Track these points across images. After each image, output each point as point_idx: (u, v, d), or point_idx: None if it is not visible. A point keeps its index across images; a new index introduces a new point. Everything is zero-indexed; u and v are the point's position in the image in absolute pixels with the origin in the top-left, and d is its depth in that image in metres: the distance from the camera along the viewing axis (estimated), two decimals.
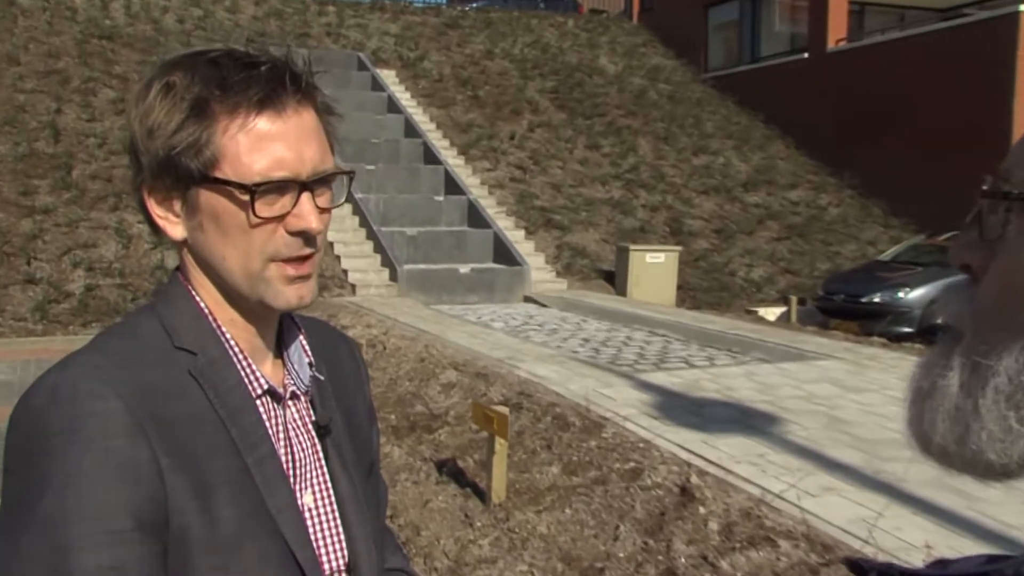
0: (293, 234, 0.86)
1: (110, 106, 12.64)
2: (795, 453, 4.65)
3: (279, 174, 0.84)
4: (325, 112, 0.90)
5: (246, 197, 0.84)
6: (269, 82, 0.84)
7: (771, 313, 11.79)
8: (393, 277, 10.97)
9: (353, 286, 10.72)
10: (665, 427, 5.05)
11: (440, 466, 4.61)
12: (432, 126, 15.06)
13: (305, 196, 0.86)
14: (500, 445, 4.04)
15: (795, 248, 13.86)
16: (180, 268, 0.93)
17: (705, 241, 13.69)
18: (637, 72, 18.65)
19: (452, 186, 13.30)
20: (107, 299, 9.36)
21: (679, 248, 12.32)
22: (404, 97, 15.70)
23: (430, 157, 13.96)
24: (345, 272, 10.96)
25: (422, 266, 11.51)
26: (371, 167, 13.02)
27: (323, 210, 0.88)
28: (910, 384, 0.62)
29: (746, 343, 8.16)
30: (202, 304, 0.90)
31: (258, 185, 0.83)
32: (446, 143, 14.63)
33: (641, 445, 4.71)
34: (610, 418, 5.14)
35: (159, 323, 0.89)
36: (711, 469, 4.36)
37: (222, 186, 0.84)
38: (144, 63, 13.70)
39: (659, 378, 6.43)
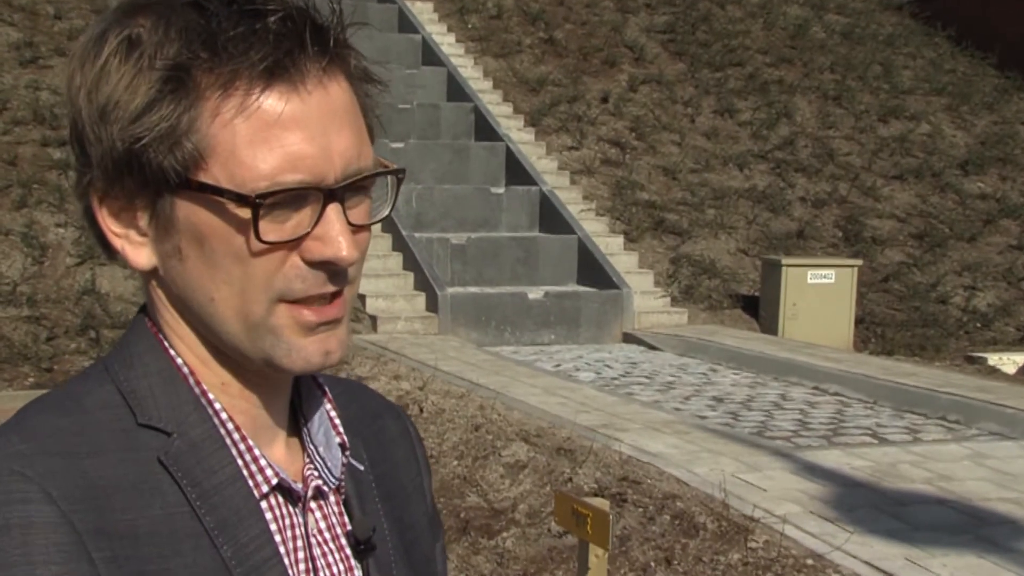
0: (313, 265, 0.86)
1: (12, 53, 13.14)
2: None
3: (294, 178, 0.83)
4: (361, 80, 0.90)
5: (246, 213, 0.83)
6: (281, 40, 0.83)
7: (1009, 362, 11.48)
8: (431, 306, 11.09)
9: (373, 319, 10.87)
10: (846, 534, 4.98)
11: None
12: (487, 84, 15.25)
13: (332, 210, 0.85)
14: (597, 558, 4.01)
15: None
16: (147, 308, 0.94)
17: (899, 251, 13.45)
18: None
19: (517, 172, 13.41)
20: (9, 339, 9.68)
21: (858, 262, 12.16)
22: (446, 42, 15.97)
23: (484, 130, 14.12)
24: (361, 298, 11.12)
25: (473, 289, 11.59)
26: (398, 145, 13.25)
27: (358, 228, 0.88)
28: None
29: (970, 408, 7.99)
30: (179, 361, 0.91)
31: (264, 196, 0.83)
32: (507, 109, 14.78)
33: (810, 562, 4.66)
34: (760, 519, 5.10)
35: (115, 390, 0.89)
36: None
37: (210, 196, 0.84)
38: None
39: (833, 458, 6.36)
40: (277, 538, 0.90)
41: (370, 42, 15.23)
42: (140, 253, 0.89)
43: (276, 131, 0.83)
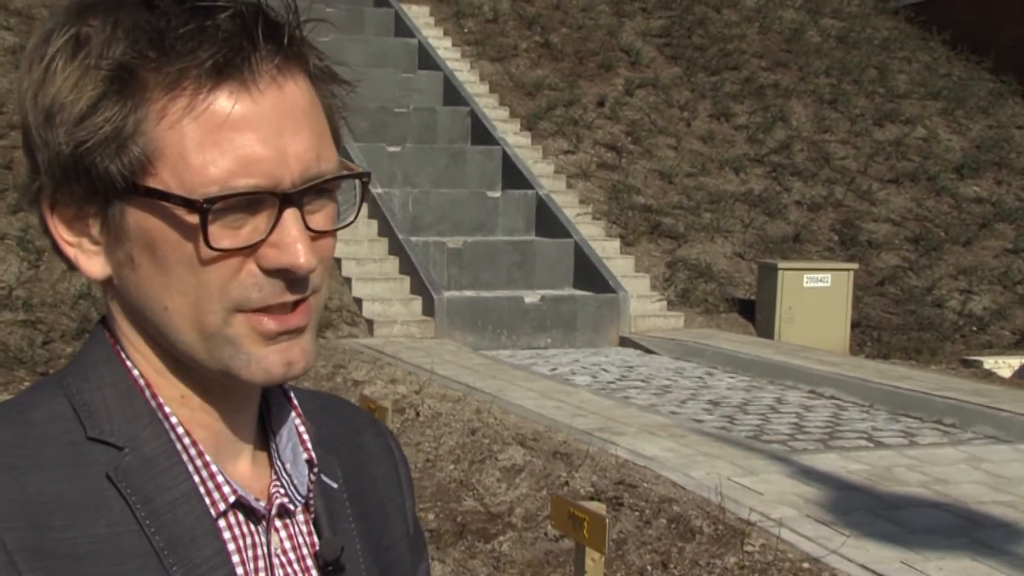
0: (270, 273, 0.83)
1: (7, 57, 13.13)
2: None
3: (247, 183, 0.80)
4: (323, 80, 0.87)
5: (194, 219, 0.80)
6: (232, 37, 0.80)
7: (1005, 365, 11.49)
8: (428, 310, 11.09)
9: (370, 322, 10.86)
10: (842, 538, 4.98)
11: None
12: (483, 88, 15.26)
13: (289, 215, 0.82)
14: (593, 561, 4.02)
15: None
16: (106, 318, 0.92)
17: (895, 255, 13.46)
18: (789, 1, 18.61)
19: (513, 176, 13.43)
20: (4, 343, 9.67)
21: (854, 266, 12.17)
22: (442, 46, 15.98)
23: (481, 134, 14.13)
24: (358, 302, 11.13)
25: (470, 293, 11.60)
26: (394, 149, 13.25)
27: (319, 234, 0.85)
28: None
29: (966, 411, 8.01)
30: (136, 373, 0.88)
31: (212, 200, 0.80)
32: (504, 113, 14.80)
33: (806, 565, 4.66)
34: (756, 522, 5.10)
35: (67, 402, 0.86)
36: None
37: (158, 201, 0.81)
38: None
39: (829, 462, 6.36)
40: (236, 558, 0.87)
41: (366, 46, 15.25)
42: (93, 262, 0.87)
43: (226, 133, 0.80)
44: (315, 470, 0.94)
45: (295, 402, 0.97)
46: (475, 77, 15.47)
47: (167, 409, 0.87)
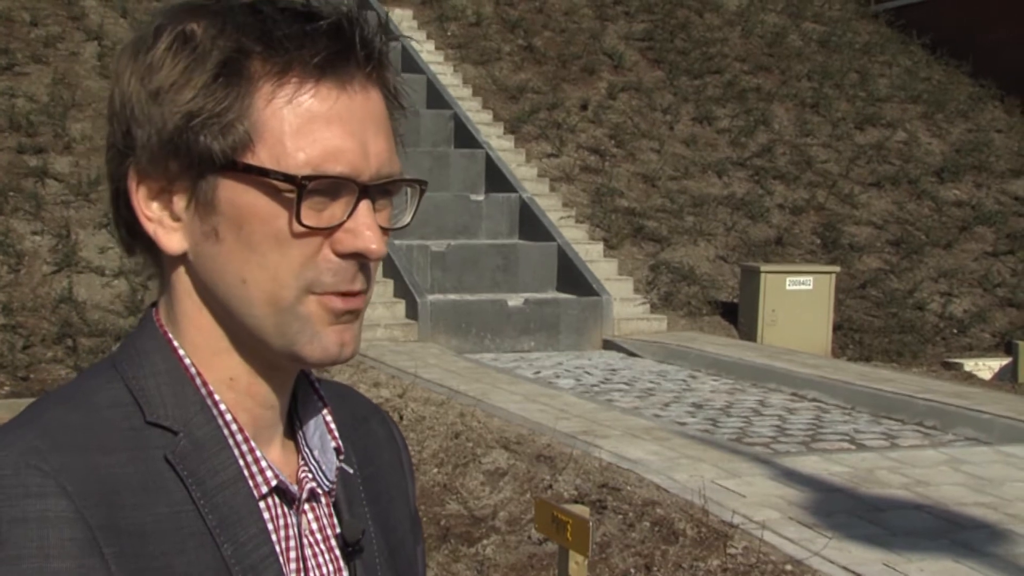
0: (344, 257, 0.89)
1: None
2: None
3: (335, 168, 0.87)
4: (393, 101, 0.95)
5: (291, 194, 0.87)
6: (333, 43, 0.88)
7: (985, 368, 11.56)
8: (411, 313, 11.08)
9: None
10: (825, 540, 4.99)
11: None
12: (466, 91, 15.26)
13: (364, 205, 0.89)
14: (577, 564, 4.02)
15: (1023, 268, 13.59)
16: (158, 304, 0.96)
17: (876, 258, 13.52)
18: (771, 5, 18.68)
19: (497, 180, 13.43)
20: None
21: (836, 269, 12.23)
22: (425, 49, 15.97)
23: (464, 137, 14.12)
24: None
25: (453, 296, 11.59)
26: None
27: (383, 231, 0.91)
28: None
29: (946, 414, 8.04)
30: (187, 360, 0.92)
31: (309, 179, 0.86)
32: (487, 116, 14.79)
33: (789, 568, 4.67)
34: (739, 525, 5.10)
35: (124, 388, 0.90)
36: None
37: (255, 177, 0.87)
38: None
39: (811, 464, 6.38)
40: (273, 537, 0.91)
41: None
42: (172, 238, 0.91)
43: (321, 124, 0.87)
44: (341, 457, 1.00)
45: (321, 392, 1.02)
46: (458, 80, 15.46)
47: (216, 396, 0.92)
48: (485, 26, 16.72)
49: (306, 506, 0.96)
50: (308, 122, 0.87)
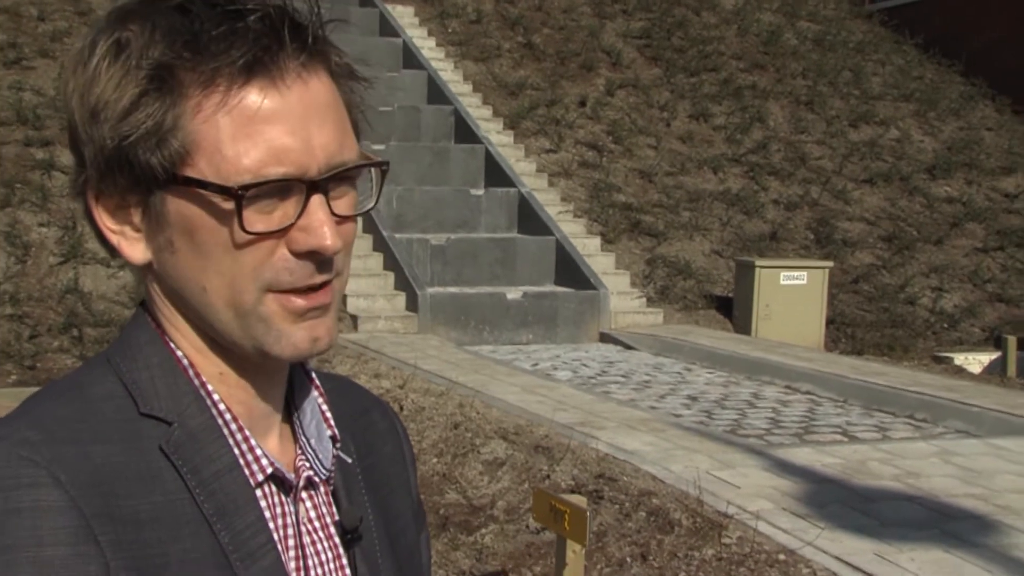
0: (300, 255, 0.88)
1: None
2: None
3: (277, 171, 0.85)
4: (343, 76, 0.92)
5: (230, 205, 0.85)
6: (260, 38, 0.85)
7: (975, 361, 11.56)
8: (411, 305, 11.07)
9: (354, 318, 10.84)
10: (817, 530, 4.99)
11: None
12: (467, 88, 15.23)
13: (316, 200, 0.87)
14: (574, 553, 4.02)
15: (1012, 264, 13.59)
16: (146, 302, 0.96)
17: (869, 254, 13.51)
18: (767, 4, 18.65)
19: (496, 174, 13.41)
20: None
21: (829, 264, 12.21)
22: (427, 45, 15.94)
23: (464, 133, 14.10)
24: (343, 298, 11.06)
25: (453, 289, 11.58)
26: (379, 147, 13.20)
27: (343, 219, 0.90)
28: None
29: (937, 406, 8.03)
30: (179, 353, 0.93)
31: (247, 187, 0.84)
32: (487, 112, 14.77)
33: (782, 557, 4.66)
34: (734, 515, 5.10)
35: (117, 380, 0.91)
36: None
37: (196, 189, 0.86)
38: None
39: (804, 456, 6.37)
40: (271, 525, 0.91)
41: (351, 46, 15.15)
42: (135, 248, 0.91)
43: (257, 125, 0.85)
44: (337, 446, 0.99)
45: (317, 382, 1.02)
46: (459, 77, 15.44)
47: (209, 387, 0.92)
48: (485, 23, 16.68)
49: (304, 495, 0.96)
50: (244, 126, 0.85)
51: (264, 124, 0.85)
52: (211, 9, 0.85)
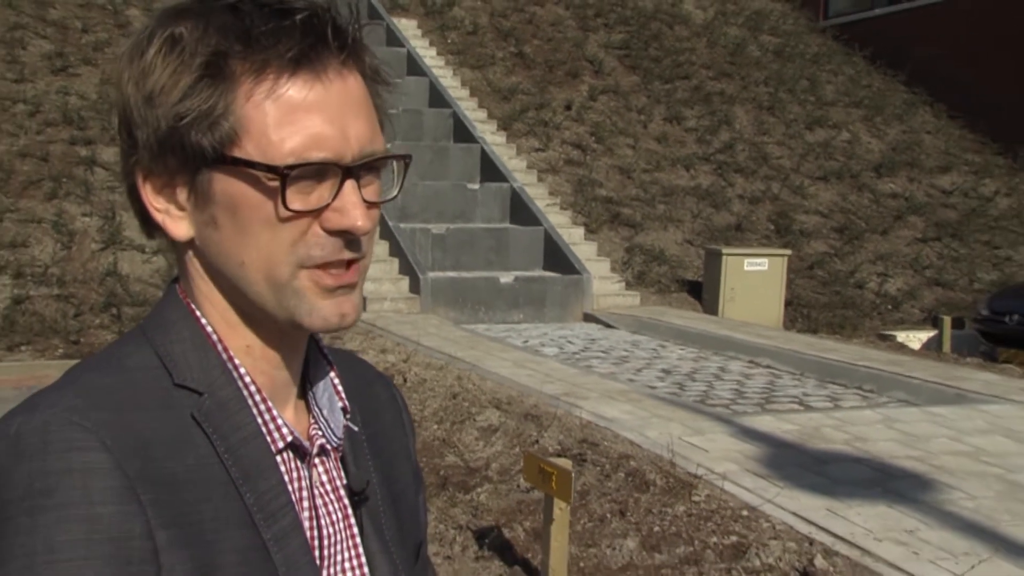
0: (332, 233, 0.87)
1: (44, 63, 12.92)
2: (959, 530, 4.54)
3: (317, 155, 0.85)
4: (374, 79, 0.91)
5: (275, 183, 0.84)
6: (306, 36, 0.85)
7: (915, 339, 11.61)
8: (414, 288, 11.04)
9: (363, 299, 10.80)
10: (777, 489, 5.01)
11: (480, 536, 4.59)
12: (464, 92, 15.16)
13: (349, 185, 0.86)
14: (560, 510, 4.01)
15: (948, 252, 13.62)
16: (179, 279, 0.94)
17: (823, 243, 13.52)
18: (733, 20, 18.58)
19: (490, 170, 13.36)
20: (41, 314, 9.56)
21: (787, 252, 12.22)
22: (428, 55, 15.85)
23: (462, 133, 14.05)
24: None
25: (451, 274, 11.56)
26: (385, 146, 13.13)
27: (371, 204, 0.89)
28: None
29: (882, 379, 8.06)
30: (208, 328, 0.91)
31: (290, 168, 0.84)
32: (482, 115, 14.71)
33: (745, 513, 4.67)
34: (702, 476, 5.11)
35: (153, 353, 0.89)
36: (842, 548, 4.28)
37: (243, 168, 0.85)
38: (89, 5, 14.03)
39: (765, 423, 6.39)
40: (289, 488, 0.91)
41: None
42: (179, 225, 0.89)
43: (301, 114, 0.84)
44: (348, 416, 0.98)
45: (329, 358, 1.00)
46: (457, 83, 15.36)
47: (236, 360, 0.90)
48: (481, 35, 16.60)
49: (316, 460, 0.95)
50: (288, 113, 0.84)
51: (307, 113, 0.84)
52: (260, 8, 0.85)
